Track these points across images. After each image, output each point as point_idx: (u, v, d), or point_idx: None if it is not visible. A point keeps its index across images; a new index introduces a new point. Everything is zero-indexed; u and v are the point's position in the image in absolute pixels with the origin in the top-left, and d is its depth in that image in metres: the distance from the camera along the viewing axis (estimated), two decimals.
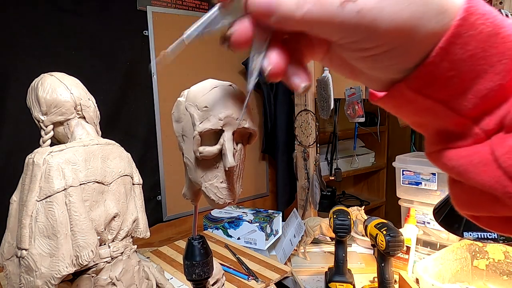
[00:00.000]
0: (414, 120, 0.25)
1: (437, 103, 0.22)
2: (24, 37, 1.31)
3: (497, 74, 0.20)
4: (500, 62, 0.20)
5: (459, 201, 0.24)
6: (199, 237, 0.50)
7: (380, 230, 0.94)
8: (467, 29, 0.20)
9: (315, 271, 1.24)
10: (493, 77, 0.20)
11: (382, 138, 2.39)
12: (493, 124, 0.21)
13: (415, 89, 0.22)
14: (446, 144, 0.23)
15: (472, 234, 0.77)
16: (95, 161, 0.77)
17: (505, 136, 0.20)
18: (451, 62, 0.20)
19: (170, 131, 1.50)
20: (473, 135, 0.22)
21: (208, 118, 0.35)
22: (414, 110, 0.23)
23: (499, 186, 0.20)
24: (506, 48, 0.20)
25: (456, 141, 0.23)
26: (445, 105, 0.22)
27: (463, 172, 0.22)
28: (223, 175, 0.37)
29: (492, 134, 0.21)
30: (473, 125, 0.22)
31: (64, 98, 0.78)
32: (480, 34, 0.20)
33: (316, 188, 1.66)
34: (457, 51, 0.20)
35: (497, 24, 0.20)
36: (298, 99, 1.70)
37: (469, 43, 0.20)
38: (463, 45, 0.20)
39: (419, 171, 1.29)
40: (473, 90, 0.21)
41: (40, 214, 0.68)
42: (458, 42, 0.20)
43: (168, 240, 1.66)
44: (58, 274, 0.67)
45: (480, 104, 0.21)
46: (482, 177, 0.21)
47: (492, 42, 0.20)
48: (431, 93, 0.21)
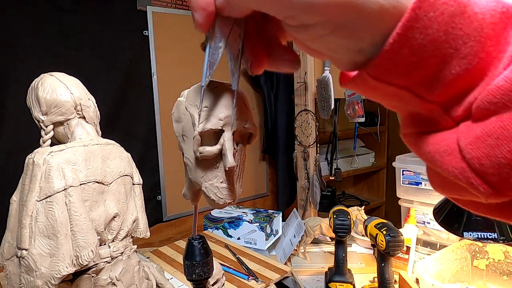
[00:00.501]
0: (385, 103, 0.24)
1: (401, 89, 0.20)
2: (24, 37, 1.31)
3: (463, 58, 0.18)
4: (466, 45, 0.18)
5: (434, 184, 0.23)
6: (199, 237, 0.50)
7: (380, 230, 0.94)
8: (427, 11, 0.18)
9: (315, 271, 1.24)
10: (459, 61, 0.19)
11: (382, 138, 2.39)
12: (461, 110, 0.20)
13: (376, 76, 0.20)
14: (418, 127, 0.22)
15: (472, 234, 0.77)
16: (95, 161, 0.77)
17: (471, 125, 0.19)
18: (411, 47, 0.18)
19: (170, 131, 1.50)
20: (443, 120, 0.21)
21: (208, 118, 0.35)
22: (381, 95, 0.22)
23: (462, 177, 0.19)
24: (472, 29, 0.18)
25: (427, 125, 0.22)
26: (410, 92, 0.20)
27: (431, 159, 0.21)
28: (223, 175, 0.37)
29: (460, 121, 0.20)
30: (442, 111, 0.21)
31: (64, 98, 0.78)
32: (441, 15, 0.18)
33: (316, 188, 1.66)
34: (417, 35, 0.18)
35: (461, 2, 0.18)
36: (298, 99, 1.70)
37: (430, 26, 0.18)
38: (423, 29, 0.18)
39: (419, 171, 1.29)
40: (438, 76, 0.19)
41: (40, 214, 0.68)
42: (417, 26, 0.18)
43: (168, 240, 1.66)
44: (58, 274, 0.67)
45: (447, 90, 0.20)
46: (447, 166, 0.20)
47: (456, 23, 0.18)
48: (393, 80, 0.20)
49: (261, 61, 0.27)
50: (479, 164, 0.18)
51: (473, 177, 0.19)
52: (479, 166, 0.18)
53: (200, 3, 0.23)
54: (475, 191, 0.19)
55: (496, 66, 0.19)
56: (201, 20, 0.24)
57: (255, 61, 0.27)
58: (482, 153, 0.18)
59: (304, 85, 1.63)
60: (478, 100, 0.19)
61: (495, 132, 0.18)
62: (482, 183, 0.19)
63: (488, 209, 0.21)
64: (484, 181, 0.18)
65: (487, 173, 0.18)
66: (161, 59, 1.64)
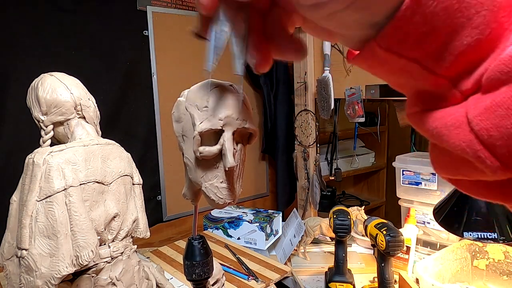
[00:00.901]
0: (391, 80, 0.23)
1: (411, 62, 0.20)
2: (24, 37, 1.31)
3: (475, 28, 0.18)
4: (479, 14, 0.18)
5: (437, 164, 0.23)
6: (199, 237, 0.50)
7: (380, 230, 0.94)
8: None
9: (315, 271, 1.24)
10: (471, 31, 0.18)
11: (382, 138, 2.39)
12: (471, 84, 0.19)
13: (386, 47, 0.20)
14: (424, 105, 0.22)
15: (472, 234, 0.77)
16: (95, 161, 0.77)
17: (481, 97, 0.19)
18: (423, 15, 0.18)
19: (170, 131, 1.50)
20: (451, 96, 0.20)
21: (208, 118, 0.35)
22: (389, 70, 0.22)
23: (470, 150, 0.19)
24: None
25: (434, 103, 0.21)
26: (420, 64, 0.20)
27: (437, 134, 0.20)
28: (223, 175, 0.37)
29: (469, 95, 0.20)
30: (451, 85, 0.20)
31: (64, 98, 0.78)
32: None
33: (316, 188, 1.66)
34: (430, 2, 0.18)
35: None
36: (298, 99, 1.70)
37: None
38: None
39: (419, 171, 1.29)
40: (449, 47, 0.19)
41: (40, 214, 0.68)
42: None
43: (168, 240, 1.66)
44: (58, 274, 0.67)
45: (457, 62, 0.19)
46: (454, 140, 0.19)
47: None
48: (403, 51, 0.20)
49: (266, 59, 0.27)
50: (488, 135, 0.18)
51: (481, 150, 0.18)
52: (487, 138, 0.18)
53: None
54: (482, 165, 0.19)
55: (508, 37, 0.18)
56: (205, 1, 0.23)
57: (260, 59, 0.27)
58: (491, 124, 0.18)
59: (304, 85, 1.63)
60: (489, 71, 0.18)
61: (506, 102, 0.17)
62: (490, 156, 0.18)
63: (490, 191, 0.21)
64: (492, 153, 0.18)
65: (495, 145, 0.18)
66: (161, 59, 1.64)
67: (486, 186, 0.21)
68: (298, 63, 1.64)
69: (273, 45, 0.27)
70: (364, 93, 1.40)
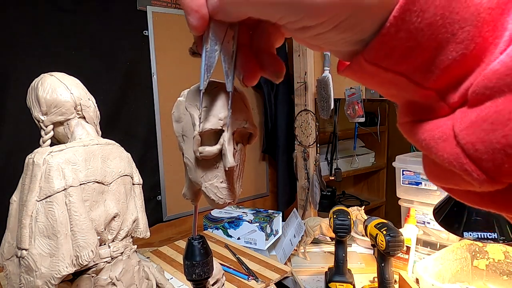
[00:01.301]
0: (383, 91, 0.24)
1: (397, 75, 0.20)
2: (24, 37, 1.31)
3: (460, 43, 0.18)
4: (463, 30, 0.18)
5: (429, 173, 0.23)
6: (199, 237, 0.50)
7: (380, 230, 0.94)
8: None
9: (315, 271, 1.24)
10: (456, 46, 0.18)
11: (382, 138, 2.39)
12: (457, 97, 0.20)
13: (372, 62, 0.20)
14: (415, 116, 0.22)
15: (472, 234, 0.77)
16: (95, 161, 0.77)
17: (467, 110, 0.19)
18: (408, 31, 0.18)
19: (170, 131, 1.50)
20: (439, 107, 0.21)
21: (208, 118, 0.35)
22: (378, 82, 0.22)
23: (456, 163, 0.19)
24: (469, 14, 0.18)
25: (423, 113, 0.22)
26: (406, 78, 0.20)
27: (426, 146, 0.21)
28: (223, 175, 0.37)
29: (456, 108, 0.20)
30: (438, 98, 0.20)
31: (64, 98, 0.78)
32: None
33: (316, 188, 1.66)
34: (414, 19, 0.18)
35: None
36: (298, 99, 1.70)
37: (427, 10, 0.18)
38: (420, 12, 0.18)
39: (419, 171, 1.29)
40: (435, 61, 0.19)
41: (40, 214, 0.68)
42: (414, 10, 0.18)
43: (168, 240, 1.66)
44: (58, 274, 0.67)
45: (443, 76, 0.20)
46: (441, 153, 0.20)
47: (453, 7, 0.18)
48: (390, 66, 0.20)
49: (253, 74, 0.28)
50: (474, 149, 0.18)
51: (467, 163, 0.18)
52: (473, 152, 0.18)
53: (192, 6, 0.23)
54: (469, 178, 0.19)
55: (493, 52, 0.19)
56: (195, 23, 0.24)
57: (247, 74, 0.28)
58: (476, 138, 0.18)
59: (304, 85, 1.63)
60: (474, 85, 0.19)
61: (490, 117, 0.18)
62: (476, 169, 0.18)
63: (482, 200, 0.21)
64: (478, 167, 0.18)
65: (481, 158, 0.18)
66: (161, 59, 1.64)
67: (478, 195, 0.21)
68: (298, 63, 1.64)
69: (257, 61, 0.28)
70: (364, 93, 1.40)
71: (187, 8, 0.24)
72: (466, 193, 0.22)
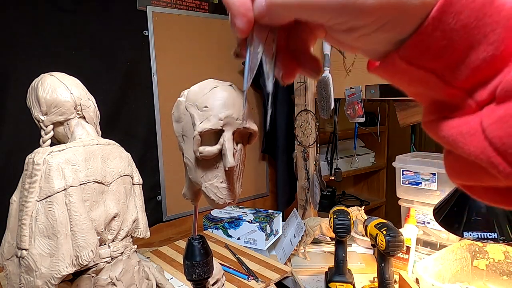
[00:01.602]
0: (410, 90, 0.25)
1: (429, 73, 0.22)
2: (24, 37, 1.31)
3: (491, 44, 0.20)
4: (494, 32, 0.19)
5: (451, 170, 0.24)
6: (199, 237, 0.50)
7: (380, 230, 0.94)
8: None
9: (315, 271, 1.24)
10: (487, 47, 0.20)
11: (382, 138, 2.39)
12: (486, 95, 0.21)
13: (407, 59, 0.22)
14: (441, 114, 0.23)
15: (472, 234, 0.77)
16: (95, 161, 0.77)
17: (495, 107, 0.20)
18: (444, 31, 0.20)
19: (170, 131, 1.50)
20: (466, 106, 0.22)
21: (208, 118, 0.35)
22: (408, 80, 0.24)
23: (484, 156, 0.20)
24: (500, 17, 0.19)
25: (449, 112, 0.23)
26: (437, 76, 0.22)
27: (452, 142, 0.22)
28: (223, 175, 0.37)
29: (484, 105, 0.21)
30: (466, 96, 0.22)
31: (64, 98, 0.78)
32: (473, 2, 0.19)
33: (316, 188, 1.66)
34: (450, 20, 0.19)
35: None
36: (298, 99, 1.70)
37: (462, 12, 0.19)
38: (456, 14, 0.19)
39: (419, 171, 1.29)
40: (465, 61, 0.20)
41: (40, 214, 0.68)
42: (450, 11, 0.19)
43: (168, 240, 1.66)
44: (58, 274, 0.67)
45: (473, 75, 0.21)
46: (469, 147, 0.21)
47: (486, 11, 0.19)
48: (423, 63, 0.21)
49: (293, 72, 0.30)
50: (501, 143, 0.19)
51: (493, 156, 0.20)
52: (500, 145, 0.19)
53: (241, 9, 0.24)
54: (495, 171, 0.20)
55: None
56: (241, 25, 0.25)
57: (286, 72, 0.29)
58: (504, 133, 0.19)
59: (304, 85, 1.63)
60: (503, 83, 0.20)
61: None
62: (502, 162, 0.19)
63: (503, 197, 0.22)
64: (504, 159, 0.19)
65: (508, 152, 0.19)
66: (161, 59, 1.64)
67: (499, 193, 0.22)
68: None
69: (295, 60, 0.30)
70: (364, 93, 1.40)
71: (236, 11, 0.24)
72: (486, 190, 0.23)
